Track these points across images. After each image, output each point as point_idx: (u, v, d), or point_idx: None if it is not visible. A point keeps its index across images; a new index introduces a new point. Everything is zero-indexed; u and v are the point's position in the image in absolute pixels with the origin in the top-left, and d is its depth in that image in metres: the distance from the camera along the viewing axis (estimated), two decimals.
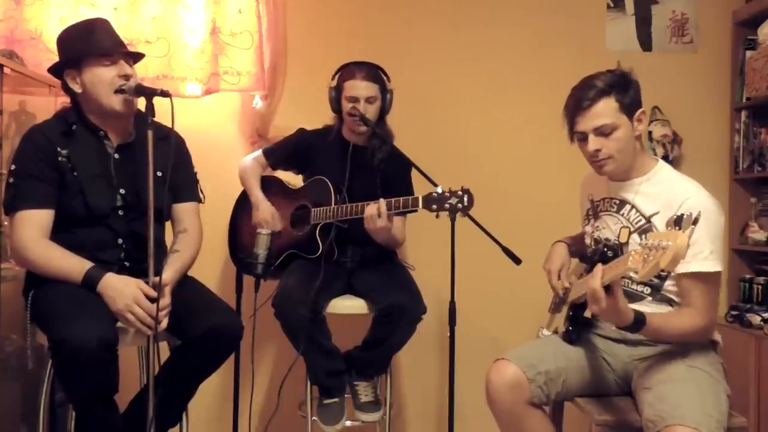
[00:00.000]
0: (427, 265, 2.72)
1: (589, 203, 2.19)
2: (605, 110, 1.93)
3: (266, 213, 2.68)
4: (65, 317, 1.89)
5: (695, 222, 1.73)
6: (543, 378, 1.96)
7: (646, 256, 1.53)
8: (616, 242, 2.00)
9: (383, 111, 2.66)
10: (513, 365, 1.96)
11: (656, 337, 1.91)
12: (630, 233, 1.99)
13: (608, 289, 1.70)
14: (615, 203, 2.07)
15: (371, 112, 2.59)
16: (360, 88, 2.58)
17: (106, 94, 2.08)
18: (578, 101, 1.96)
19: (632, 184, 2.03)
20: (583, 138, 1.98)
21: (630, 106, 1.95)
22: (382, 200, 2.38)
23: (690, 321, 1.88)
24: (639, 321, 1.77)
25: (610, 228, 2.07)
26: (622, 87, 1.94)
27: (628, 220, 2.02)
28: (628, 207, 2.03)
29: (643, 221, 1.98)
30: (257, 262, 2.53)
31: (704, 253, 1.86)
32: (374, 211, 2.37)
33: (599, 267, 1.72)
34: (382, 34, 3.17)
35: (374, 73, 2.62)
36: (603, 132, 1.94)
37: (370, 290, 2.52)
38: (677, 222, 1.78)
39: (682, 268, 1.86)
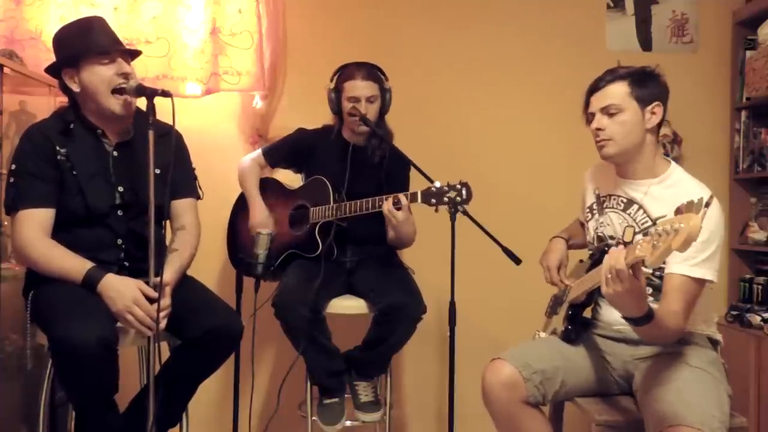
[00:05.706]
0: (427, 264, 2.72)
1: (594, 197, 2.17)
2: (615, 92, 1.98)
3: (260, 216, 2.69)
4: (65, 316, 1.89)
5: (707, 205, 1.62)
6: (539, 377, 1.96)
7: (655, 242, 1.49)
8: (620, 241, 1.99)
9: (383, 110, 2.67)
10: (508, 364, 1.96)
11: (646, 334, 1.82)
12: (635, 233, 1.97)
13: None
14: (622, 201, 2.05)
15: (372, 111, 2.60)
16: (361, 88, 2.58)
17: (105, 93, 2.07)
18: (595, 83, 2.03)
19: (641, 185, 2.01)
20: (592, 118, 2.02)
21: (643, 97, 1.97)
22: (401, 195, 2.36)
23: (674, 322, 1.81)
24: (650, 314, 1.71)
25: (614, 226, 2.06)
26: (639, 77, 1.99)
27: (634, 220, 2.01)
28: (635, 207, 2.01)
29: (649, 223, 1.96)
30: (257, 263, 2.53)
31: (696, 259, 1.82)
32: (392, 206, 2.35)
33: (621, 248, 1.64)
34: (382, 34, 3.17)
35: (374, 72, 2.63)
36: (608, 112, 1.98)
37: (370, 290, 2.52)
38: (687, 207, 1.74)
39: (669, 266, 1.84)
